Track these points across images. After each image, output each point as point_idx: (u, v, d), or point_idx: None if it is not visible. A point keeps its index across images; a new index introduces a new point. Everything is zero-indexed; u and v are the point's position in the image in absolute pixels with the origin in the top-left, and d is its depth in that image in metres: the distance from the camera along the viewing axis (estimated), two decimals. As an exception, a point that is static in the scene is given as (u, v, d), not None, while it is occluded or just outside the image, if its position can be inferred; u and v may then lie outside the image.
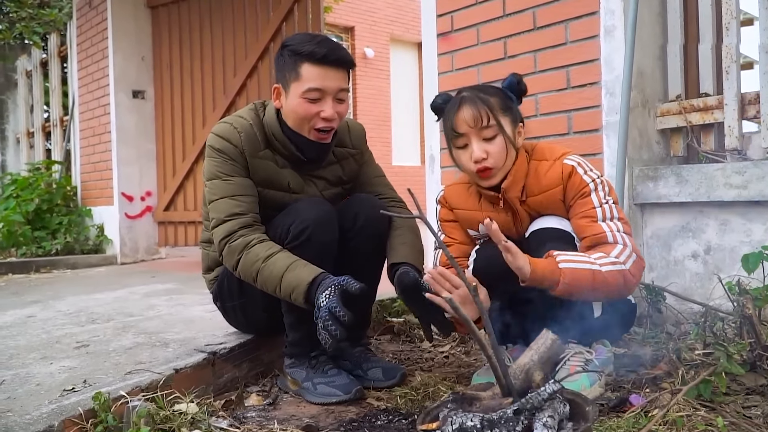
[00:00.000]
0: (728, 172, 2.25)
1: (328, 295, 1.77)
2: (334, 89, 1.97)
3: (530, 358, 1.37)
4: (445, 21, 3.17)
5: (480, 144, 1.81)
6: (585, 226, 1.78)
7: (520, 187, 1.88)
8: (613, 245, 1.73)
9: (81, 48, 6.26)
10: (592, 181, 1.81)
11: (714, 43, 2.48)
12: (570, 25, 2.67)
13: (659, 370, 1.85)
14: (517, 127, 1.88)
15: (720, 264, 2.32)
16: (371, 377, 2.06)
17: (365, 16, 14.09)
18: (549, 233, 1.82)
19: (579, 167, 1.82)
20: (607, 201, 1.80)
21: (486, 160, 1.81)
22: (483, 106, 1.81)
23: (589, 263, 1.67)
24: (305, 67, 1.94)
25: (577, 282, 1.64)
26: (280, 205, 2.05)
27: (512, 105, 1.89)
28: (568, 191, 1.82)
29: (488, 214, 1.88)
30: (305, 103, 1.96)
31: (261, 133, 2.05)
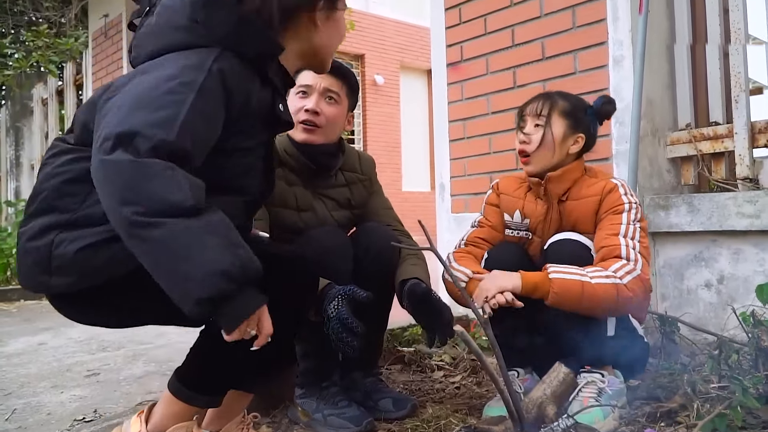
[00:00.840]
0: (740, 201, 2.25)
1: (336, 305, 1.76)
2: (321, 86, 2.07)
3: (543, 392, 1.36)
4: (454, 51, 3.20)
5: (530, 128, 2.01)
6: (605, 237, 1.87)
7: (564, 187, 2.00)
8: (618, 260, 1.81)
9: (96, 77, 6.36)
10: (628, 203, 1.91)
11: (722, 73, 2.49)
12: (579, 55, 2.69)
13: (674, 403, 1.83)
14: (575, 135, 1.99)
15: (734, 294, 2.31)
16: (382, 408, 2.04)
17: (375, 43, 14.22)
18: (567, 243, 1.90)
19: (621, 187, 1.95)
20: (634, 223, 1.88)
21: (524, 144, 2.00)
22: (547, 101, 2.00)
23: (579, 275, 1.77)
24: (304, 72, 2.06)
25: (565, 292, 1.75)
26: (290, 224, 2.07)
27: (581, 116, 2.01)
28: (603, 204, 1.93)
29: (528, 204, 2.07)
30: (296, 99, 2.08)
31: None
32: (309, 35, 1.51)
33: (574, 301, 1.75)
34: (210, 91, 1.27)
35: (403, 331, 2.88)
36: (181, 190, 1.18)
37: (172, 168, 1.19)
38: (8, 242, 6.35)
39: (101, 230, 1.28)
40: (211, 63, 1.29)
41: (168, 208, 1.17)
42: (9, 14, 8.85)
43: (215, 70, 1.28)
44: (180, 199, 1.18)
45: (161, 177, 1.18)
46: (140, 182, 1.17)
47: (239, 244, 1.24)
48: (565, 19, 2.75)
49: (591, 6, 2.65)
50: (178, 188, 1.18)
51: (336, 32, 1.57)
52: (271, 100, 1.44)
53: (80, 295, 1.34)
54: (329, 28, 1.54)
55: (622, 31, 2.55)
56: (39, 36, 8.02)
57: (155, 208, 1.17)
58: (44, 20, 8.74)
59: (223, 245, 1.21)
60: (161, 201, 1.17)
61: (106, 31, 6.11)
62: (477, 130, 3.11)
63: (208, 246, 1.19)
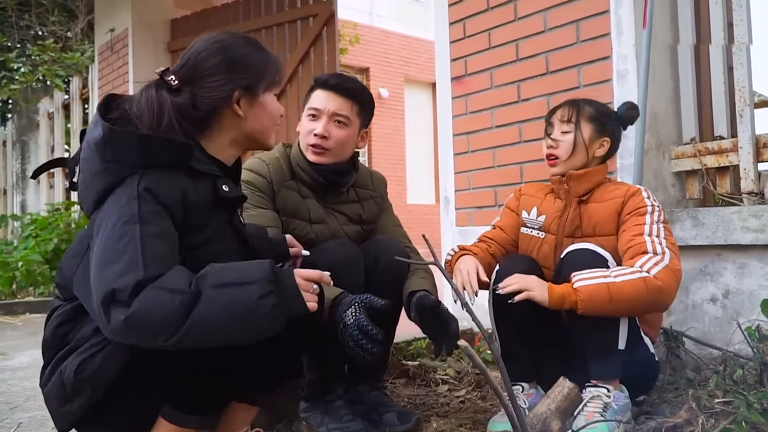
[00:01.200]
0: (745, 216, 2.25)
1: (353, 312, 1.76)
2: (329, 110, 2.09)
3: (547, 407, 1.36)
4: (459, 65, 3.22)
5: (558, 134, 2.06)
6: (630, 238, 1.89)
7: (585, 187, 2.04)
8: (644, 255, 1.82)
9: (102, 91, 6.40)
10: (651, 205, 1.94)
11: (726, 88, 2.50)
12: (583, 69, 2.70)
13: (679, 418, 1.82)
14: (600, 138, 2.05)
15: (739, 308, 2.30)
16: (386, 422, 2.04)
17: (380, 57, 14.30)
18: (582, 253, 1.90)
19: (644, 192, 1.99)
20: (658, 223, 1.91)
21: (554, 148, 2.06)
22: (573, 107, 2.07)
23: (603, 277, 1.77)
24: (315, 92, 2.13)
25: (593, 297, 1.75)
26: (302, 236, 2.09)
27: (606, 121, 2.08)
28: (626, 206, 1.96)
29: (546, 203, 2.12)
30: (306, 122, 2.12)
31: (287, 165, 2.15)
32: (236, 124, 1.58)
33: (605, 305, 1.75)
34: (149, 214, 1.37)
35: (408, 344, 2.88)
36: (175, 290, 1.29)
37: (153, 288, 1.29)
38: (14, 255, 6.37)
39: (91, 343, 1.42)
40: (136, 190, 1.38)
41: (183, 306, 1.28)
42: (15, 28, 8.94)
43: (143, 193, 1.38)
44: (181, 297, 1.28)
45: (154, 300, 1.28)
46: (147, 320, 1.28)
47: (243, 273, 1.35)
48: (569, 33, 2.76)
49: (595, 21, 2.67)
50: (171, 294, 1.28)
51: (265, 115, 1.61)
52: (212, 185, 1.51)
53: (102, 414, 1.46)
54: (256, 114, 1.59)
55: (625, 45, 2.56)
56: (45, 50, 8.09)
57: (176, 322, 1.28)
58: (50, 35, 8.82)
59: (237, 284, 1.33)
60: (173, 315, 1.28)
61: (112, 45, 6.15)
62: (481, 143, 3.12)
63: (230, 295, 1.31)
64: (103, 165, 1.44)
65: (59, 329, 1.51)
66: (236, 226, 1.56)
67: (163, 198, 1.40)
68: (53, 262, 6.28)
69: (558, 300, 1.78)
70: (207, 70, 1.54)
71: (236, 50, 1.58)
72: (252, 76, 1.57)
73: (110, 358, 1.41)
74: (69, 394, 1.45)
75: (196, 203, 1.46)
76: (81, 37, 8.87)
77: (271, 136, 1.65)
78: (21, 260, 6.21)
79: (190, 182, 1.46)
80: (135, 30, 5.89)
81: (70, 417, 1.48)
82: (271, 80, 1.61)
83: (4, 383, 2.88)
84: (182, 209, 1.43)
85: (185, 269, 1.34)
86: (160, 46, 5.95)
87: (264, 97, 1.60)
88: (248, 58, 1.58)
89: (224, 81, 1.54)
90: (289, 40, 5.11)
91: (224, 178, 1.56)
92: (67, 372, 1.43)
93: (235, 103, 1.56)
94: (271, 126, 1.63)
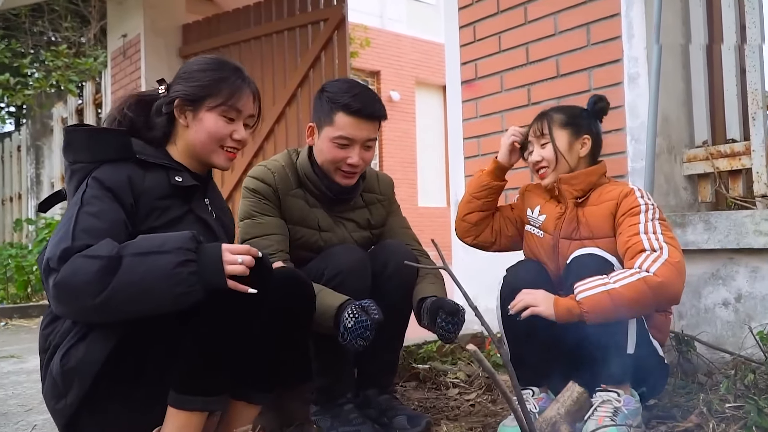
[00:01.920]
0: (757, 219, 2.23)
1: (351, 313, 1.83)
2: (363, 138, 2.07)
3: (557, 411, 1.36)
4: (469, 69, 3.22)
5: (537, 150, 2.09)
6: (627, 238, 1.91)
7: (579, 188, 2.05)
8: (641, 254, 1.83)
9: (115, 96, 6.45)
10: (644, 204, 1.95)
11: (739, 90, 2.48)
12: (593, 72, 2.69)
13: (690, 422, 1.81)
14: (579, 138, 2.08)
15: (751, 312, 2.28)
16: (396, 425, 2.04)
17: (391, 60, 14.30)
18: (587, 259, 1.91)
19: (638, 191, 2.00)
20: (653, 221, 1.91)
21: (540, 162, 2.08)
22: (544, 120, 2.09)
23: (602, 285, 1.78)
24: (339, 115, 2.05)
25: (596, 307, 1.77)
26: (311, 243, 2.10)
27: (579, 121, 2.10)
28: (621, 207, 1.97)
29: (547, 204, 2.14)
30: (335, 148, 2.06)
31: (293, 173, 2.14)
32: (184, 134, 1.73)
33: (610, 311, 1.77)
34: (91, 197, 1.52)
35: (418, 348, 2.88)
36: (96, 256, 1.40)
37: (78, 257, 1.41)
38: (29, 259, 6.43)
39: (72, 334, 1.52)
40: (86, 179, 1.56)
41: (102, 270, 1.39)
42: (29, 34, 9.02)
43: (90, 181, 1.55)
44: (101, 262, 1.39)
45: (78, 265, 1.40)
46: (70, 284, 1.40)
47: (162, 241, 1.45)
48: (579, 36, 2.76)
49: (605, 24, 2.66)
50: (92, 260, 1.40)
51: (203, 131, 1.71)
52: (165, 176, 1.65)
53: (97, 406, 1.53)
54: (196, 128, 1.71)
55: (637, 48, 2.55)
56: (59, 56, 8.16)
57: (97, 286, 1.39)
58: (64, 40, 8.89)
59: (157, 251, 1.42)
60: (94, 278, 1.38)
61: (124, 50, 6.20)
62: (491, 147, 3.12)
63: (150, 262, 1.41)
64: (70, 170, 1.62)
65: (44, 332, 1.61)
66: (199, 214, 1.68)
67: (109, 182, 1.55)
68: (67, 265, 6.32)
69: (564, 314, 1.81)
70: (176, 80, 1.74)
71: (196, 65, 1.75)
72: (197, 90, 1.69)
73: (93, 344, 1.49)
74: (61, 388, 1.53)
75: (146, 189, 1.60)
76: (94, 42, 8.95)
77: (214, 155, 1.74)
78: (36, 264, 6.26)
79: (140, 172, 1.62)
80: (147, 35, 5.94)
81: (66, 411, 1.54)
82: (219, 101, 1.70)
83: (20, 386, 2.91)
84: (129, 191, 1.56)
85: (112, 241, 1.44)
86: (172, 51, 5.99)
87: (205, 113, 1.70)
88: (201, 74, 1.71)
89: (176, 90, 1.71)
90: (300, 45, 5.13)
91: (179, 170, 1.69)
92: (55, 367, 1.52)
93: (181, 112, 1.70)
94: (210, 145, 1.72)
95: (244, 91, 1.73)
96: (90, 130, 1.62)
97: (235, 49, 5.56)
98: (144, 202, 1.59)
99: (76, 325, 1.52)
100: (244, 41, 5.51)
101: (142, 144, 1.68)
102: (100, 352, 1.49)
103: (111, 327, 1.49)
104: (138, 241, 1.45)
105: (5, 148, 10.78)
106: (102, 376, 1.49)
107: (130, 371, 1.52)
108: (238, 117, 1.73)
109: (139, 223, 1.56)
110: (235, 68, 1.76)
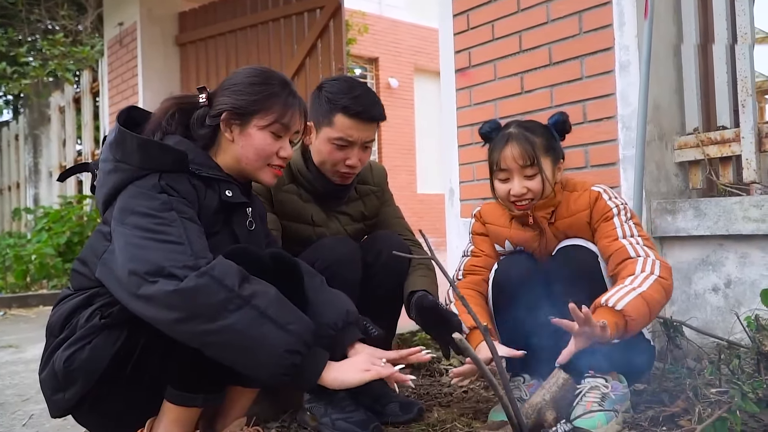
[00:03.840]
0: (746, 206, 2.25)
1: None
2: (361, 140, 2.08)
3: (542, 398, 1.38)
4: (462, 57, 3.22)
5: (521, 181, 1.95)
6: (608, 244, 1.91)
7: (549, 211, 2.01)
8: (634, 260, 1.84)
9: (112, 84, 6.45)
10: (615, 206, 1.95)
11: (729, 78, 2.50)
12: (585, 60, 2.70)
13: (677, 407, 1.84)
14: (558, 164, 2.01)
15: (741, 298, 2.31)
16: (389, 412, 2.07)
17: (389, 47, 14.27)
18: (575, 248, 1.95)
19: (605, 193, 1.98)
20: (627, 222, 1.93)
21: (524, 195, 1.95)
22: (528, 147, 1.93)
23: (633, 290, 1.74)
24: (338, 117, 2.04)
25: (639, 312, 1.71)
26: (304, 238, 2.11)
27: (555, 144, 2.01)
28: (594, 214, 1.96)
29: (517, 233, 2.05)
30: (333, 149, 2.07)
31: (286, 169, 2.12)
32: (230, 148, 1.69)
33: (647, 317, 1.74)
34: (179, 203, 1.50)
35: (413, 335, 2.91)
36: (224, 285, 1.38)
37: (205, 274, 1.38)
38: (27, 249, 6.47)
39: (80, 335, 1.50)
40: (159, 185, 1.51)
41: (224, 302, 1.37)
42: (25, 23, 8.99)
43: (166, 187, 1.51)
44: (226, 295, 1.38)
45: (204, 288, 1.37)
46: (189, 304, 1.37)
47: (290, 319, 1.43)
48: (571, 24, 2.76)
49: (597, 12, 2.66)
50: (220, 287, 1.38)
51: (250, 147, 1.67)
52: (218, 191, 1.62)
53: (95, 403, 1.54)
54: (243, 143, 1.67)
55: (628, 36, 2.56)
56: (55, 44, 8.13)
57: (211, 314, 1.37)
58: (60, 29, 8.87)
59: (279, 324, 1.41)
60: (214, 307, 1.37)
61: (121, 39, 6.19)
62: (485, 135, 3.13)
63: (266, 333, 1.39)
64: (114, 164, 1.55)
65: (63, 320, 1.58)
66: (234, 231, 1.64)
67: (182, 193, 1.52)
68: (66, 254, 6.37)
69: (618, 331, 1.71)
70: (221, 91, 1.68)
71: (242, 78, 1.68)
72: (246, 104, 1.65)
73: (98, 349, 1.49)
74: (61, 383, 1.53)
75: (204, 205, 1.57)
76: (91, 30, 8.92)
77: (260, 173, 1.71)
78: (34, 253, 6.30)
79: (201, 185, 1.59)
80: (143, 24, 5.93)
81: (62, 405, 1.56)
82: (270, 119, 1.66)
83: (17, 375, 2.94)
84: (197, 205, 1.54)
85: (233, 266, 1.41)
86: (168, 40, 5.99)
87: (253, 129, 1.66)
88: (250, 87, 1.66)
89: (223, 102, 1.65)
90: (297, 33, 5.13)
91: (230, 183, 1.65)
92: (58, 363, 1.52)
93: (228, 126, 1.66)
94: (257, 162, 1.68)
95: (294, 108, 1.70)
96: (143, 140, 1.56)
97: (231, 37, 5.56)
98: (203, 215, 1.57)
99: (87, 324, 1.51)
100: (240, 29, 5.50)
101: (195, 151, 1.64)
102: (105, 356, 1.49)
103: (117, 331, 1.49)
104: (270, 297, 1.44)
105: (3, 137, 10.80)
106: (103, 377, 1.50)
107: (131, 373, 1.52)
108: (285, 134, 1.71)
109: None
110: (284, 82, 1.72)
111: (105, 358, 1.48)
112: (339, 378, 1.49)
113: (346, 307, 1.73)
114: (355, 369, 1.52)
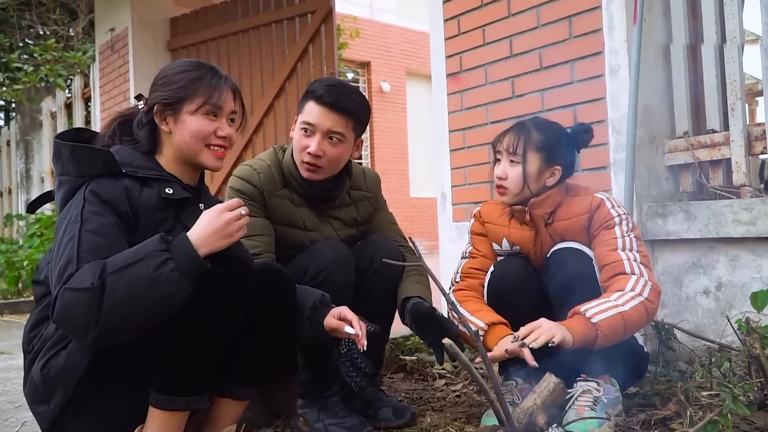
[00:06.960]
0: (736, 209, 2.26)
1: (346, 342, 1.88)
2: (325, 127, 2.05)
3: (533, 402, 1.39)
4: (454, 62, 3.23)
5: (505, 166, 2.00)
6: (606, 254, 1.91)
7: (547, 211, 2.01)
8: (628, 276, 1.85)
9: (104, 90, 6.43)
10: (617, 215, 1.94)
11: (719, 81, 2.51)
12: (576, 65, 2.71)
13: (668, 410, 1.85)
14: (550, 168, 1.99)
15: (731, 300, 2.32)
16: (381, 417, 2.07)
17: (381, 51, 14.27)
18: (569, 252, 1.95)
19: (608, 201, 1.97)
20: (628, 234, 1.92)
21: (502, 180, 2.00)
22: (520, 135, 1.98)
23: (614, 307, 1.77)
24: (309, 104, 2.07)
25: (612, 330, 1.75)
26: (296, 243, 2.11)
27: (556, 147, 1.99)
28: (594, 221, 1.96)
29: (515, 232, 2.06)
30: (301, 136, 2.08)
31: (279, 173, 2.14)
32: (170, 140, 1.72)
33: (620, 335, 1.78)
34: (91, 214, 1.52)
35: (406, 339, 2.91)
36: (82, 288, 1.41)
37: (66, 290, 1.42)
38: (19, 254, 6.44)
39: (53, 342, 1.53)
40: (83, 193, 1.55)
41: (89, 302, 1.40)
42: (17, 28, 8.96)
43: (87, 195, 1.54)
44: (88, 294, 1.40)
45: (67, 300, 1.41)
46: (66, 323, 1.44)
47: (140, 253, 1.46)
48: (561, 29, 2.77)
49: (587, 16, 2.68)
50: (79, 293, 1.40)
51: (187, 132, 1.70)
52: (157, 189, 1.65)
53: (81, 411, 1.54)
54: (180, 131, 1.70)
55: (617, 40, 2.57)
56: (47, 50, 8.11)
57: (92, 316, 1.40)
58: (52, 34, 8.85)
59: (133, 263, 1.44)
60: (87, 311, 1.40)
61: (112, 44, 6.17)
62: (477, 139, 3.14)
63: (129, 275, 1.42)
64: (59, 178, 1.63)
65: (29, 334, 1.62)
66: (186, 225, 1.64)
67: (106, 195, 1.55)
68: (58, 260, 6.32)
69: (581, 339, 1.74)
70: (151, 89, 1.74)
71: (171, 69, 1.74)
72: (174, 93, 1.68)
73: (74, 354, 1.50)
74: (42, 394, 1.54)
75: (142, 202, 1.60)
76: (82, 36, 8.91)
77: (201, 156, 1.73)
78: (26, 259, 6.27)
79: (136, 184, 1.62)
80: (135, 29, 5.91)
81: (48, 416, 1.56)
82: (199, 101, 1.69)
83: (9, 382, 2.93)
84: (126, 202, 1.57)
85: (95, 262, 1.44)
86: (160, 45, 5.97)
87: (185, 115, 1.69)
88: (177, 76, 1.70)
89: (154, 97, 1.70)
90: (288, 37, 5.12)
91: (170, 181, 1.68)
92: (36, 374, 1.54)
93: (162, 119, 1.69)
94: (195, 145, 1.70)
95: (222, 88, 1.71)
96: (73, 146, 1.59)
97: (223, 42, 5.55)
98: (142, 214, 1.59)
99: (57, 331, 1.53)
100: (232, 34, 5.49)
101: (132, 155, 1.67)
102: (81, 360, 1.50)
103: None
104: (113, 259, 1.45)
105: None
106: (84, 382, 1.50)
107: (112, 375, 1.53)
108: (220, 114, 1.72)
109: (139, 236, 1.56)
110: (211, 67, 1.74)
111: (82, 363, 1.50)
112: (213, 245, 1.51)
113: (320, 293, 1.84)
114: (219, 235, 1.53)
